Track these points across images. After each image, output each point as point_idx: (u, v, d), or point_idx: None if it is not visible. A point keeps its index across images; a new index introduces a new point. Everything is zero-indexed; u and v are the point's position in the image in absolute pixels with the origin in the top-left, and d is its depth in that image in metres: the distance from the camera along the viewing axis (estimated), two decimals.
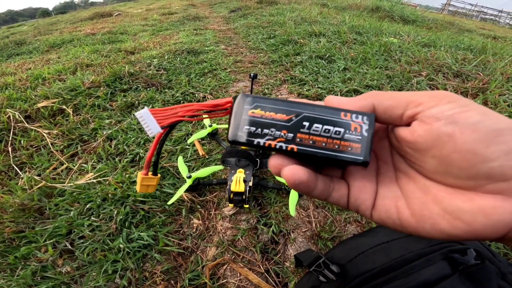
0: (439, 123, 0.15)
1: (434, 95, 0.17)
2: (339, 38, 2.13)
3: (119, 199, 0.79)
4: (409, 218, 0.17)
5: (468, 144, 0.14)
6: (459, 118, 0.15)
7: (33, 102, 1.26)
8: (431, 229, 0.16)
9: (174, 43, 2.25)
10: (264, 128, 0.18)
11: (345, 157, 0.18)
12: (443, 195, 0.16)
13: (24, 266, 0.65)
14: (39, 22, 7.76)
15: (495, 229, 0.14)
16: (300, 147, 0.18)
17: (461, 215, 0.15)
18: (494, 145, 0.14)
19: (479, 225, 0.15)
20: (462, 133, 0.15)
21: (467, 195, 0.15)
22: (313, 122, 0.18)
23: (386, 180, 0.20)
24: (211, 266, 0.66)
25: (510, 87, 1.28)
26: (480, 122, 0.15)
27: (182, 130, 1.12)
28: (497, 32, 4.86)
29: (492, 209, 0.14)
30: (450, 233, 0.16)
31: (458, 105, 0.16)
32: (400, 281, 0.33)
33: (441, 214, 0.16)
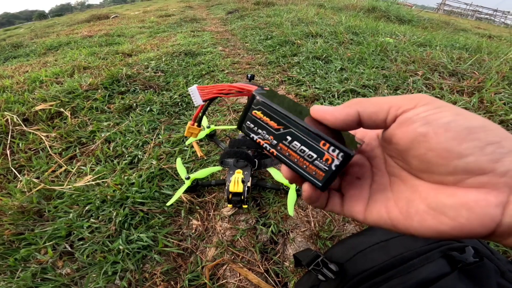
0: (414, 125, 0.16)
1: (412, 98, 0.18)
2: (336, 39, 2.14)
3: (118, 200, 0.79)
4: (398, 216, 0.18)
5: (441, 143, 0.15)
6: (433, 119, 0.16)
7: (30, 105, 1.26)
8: (419, 226, 0.17)
9: (172, 45, 2.26)
10: (259, 128, 0.22)
11: (308, 177, 0.20)
12: (428, 192, 0.17)
13: (24, 268, 0.65)
14: (35, 24, 7.75)
15: (481, 223, 0.15)
16: (278, 154, 0.21)
17: (445, 210, 0.16)
18: (467, 142, 0.15)
19: (464, 219, 0.15)
20: (436, 133, 0.16)
21: (450, 190, 0.16)
22: (295, 140, 0.20)
23: (380, 187, 0.21)
24: (211, 267, 0.66)
25: (505, 86, 1.29)
26: (453, 121, 0.16)
27: (180, 131, 1.12)
28: (492, 31, 4.89)
29: (474, 202, 0.15)
30: (438, 229, 0.16)
31: (433, 107, 0.17)
32: (399, 279, 0.33)
33: (427, 210, 0.17)
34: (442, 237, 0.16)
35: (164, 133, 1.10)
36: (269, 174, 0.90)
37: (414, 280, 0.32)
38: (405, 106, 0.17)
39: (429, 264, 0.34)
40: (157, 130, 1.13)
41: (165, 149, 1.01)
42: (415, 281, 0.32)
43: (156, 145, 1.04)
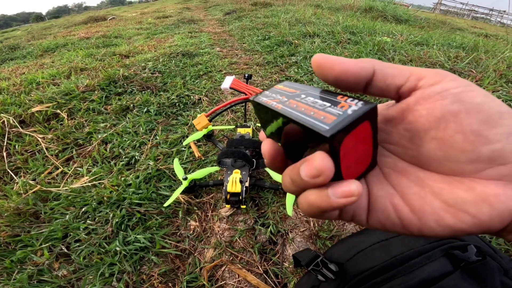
0: (444, 101, 0.14)
1: (436, 72, 0.16)
2: (333, 38, 2.14)
3: (115, 202, 0.79)
4: (409, 215, 0.16)
5: (472, 125, 0.14)
6: (465, 97, 0.14)
7: (27, 106, 1.25)
8: (436, 226, 0.15)
9: (169, 46, 2.25)
10: (273, 93, 0.20)
11: (308, 121, 0.15)
12: (441, 186, 0.15)
13: (21, 270, 0.64)
14: (32, 26, 7.72)
15: (501, 219, 0.14)
16: (284, 107, 0.17)
17: (465, 207, 0.14)
18: (497, 127, 0.14)
19: (485, 216, 0.14)
20: (468, 113, 0.14)
21: (467, 184, 0.15)
22: (309, 96, 0.17)
23: (373, 179, 0.18)
24: (209, 268, 0.65)
25: (503, 84, 1.29)
26: (485, 103, 0.14)
27: (177, 132, 1.12)
28: (489, 30, 4.92)
29: (494, 197, 0.14)
30: (457, 228, 0.14)
31: (463, 83, 0.15)
32: (400, 279, 0.33)
33: (444, 207, 0.15)
34: (456, 235, 0.15)
35: (162, 134, 1.10)
36: (267, 174, 0.89)
37: (416, 280, 0.32)
38: (429, 78, 0.15)
39: (431, 263, 0.33)
40: (154, 131, 1.12)
41: (163, 150, 1.00)
42: (417, 280, 0.32)
43: (153, 146, 1.04)
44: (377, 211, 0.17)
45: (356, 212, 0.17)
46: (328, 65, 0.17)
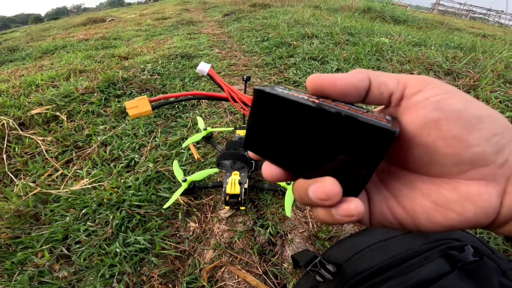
0: (426, 109, 0.15)
1: (420, 80, 0.17)
2: (332, 39, 2.15)
3: (114, 204, 0.79)
4: (404, 216, 0.17)
5: (452, 131, 0.15)
6: (445, 105, 0.15)
7: (26, 109, 1.25)
8: (427, 223, 0.16)
9: (168, 48, 2.26)
10: (293, 91, 0.18)
11: (371, 120, 0.14)
12: (429, 187, 0.17)
13: (21, 271, 0.65)
14: (31, 28, 7.72)
15: (486, 215, 0.15)
16: (321, 103, 0.16)
17: (451, 206, 0.16)
18: (476, 131, 0.15)
19: (470, 214, 0.15)
20: (448, 120, 0.15)
21: (452, 184, 0.16)
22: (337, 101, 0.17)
23: (371, 184, 0.20)
24: (209, 269, 0.66)
25: (501, 84, 1.30)
26: (464, 109, 0.15)
27: (177, 134, 1.12)
28: (486, 31, 4.94)
29: (477, 195, 0.15)
30: (446, 224, 0.16)
31: (443, 91, 0.16)
32: (398, 279, 0.33)
33: (433, 207, 0.16)
34: (448, 230, 0.16)
35: (161, 136, 1.10)
36: None
37: (413, 280, 0.32)
38: (412, 86, 0.17)
39: (428, 263, 0.33)
40: (153, 133, 1.13)
41: (162, 152, 1.01)
42: (415, 281, 0.32)
43: (153, 148, 1.04)
44: (376, 214, 0.18)
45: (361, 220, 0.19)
46: (329, 84, 0.17)
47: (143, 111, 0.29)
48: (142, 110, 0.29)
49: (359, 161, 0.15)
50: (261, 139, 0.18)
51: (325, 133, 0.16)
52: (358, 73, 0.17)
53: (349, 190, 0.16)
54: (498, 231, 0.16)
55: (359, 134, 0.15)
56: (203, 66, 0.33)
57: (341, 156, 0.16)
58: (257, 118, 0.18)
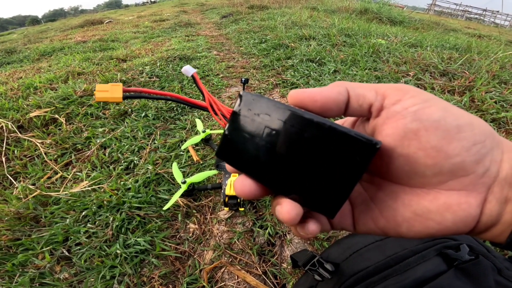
0: (404, 120, 0.15)
1: (397, 89, 0.17)
2: (329, 41, 2.16)
3: (114, 206, 0.80)
4: (386, 225, 0.18)
5: (432, 142, 0.15)
6: (423, 115, 0.15)
7: (25, 111, 1.25)
8: (408, 231, 0.17)
9: (166, 50, 2.26)
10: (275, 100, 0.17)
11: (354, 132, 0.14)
12: (410, 198, 0.17)
13: (22, 273, 0.65)
14: (28, 30, 7.70)
15: (465, 223, 0.15)
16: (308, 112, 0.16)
17: (431, 216, 0.16)
18: (455, 141, 0.15)
19: (449, 223, 0.16)
20: (427, 131, 0.15)
21: (432, 195, 0.16)
22: None
23: (356, 194, 0.20)
24: (209, 270, 0.66)
25: (496, 84, 1.32)
26: (442, 119, 0.15)
27: (176, 136, 1.13)
28: (482, 31, 4.98)
29: (457, 205, 0.15)
30: (426, 233, 0.16)
31: (421, 100, 0.16)
32: (395, 278, 0.33)
33: (413, 217, 0.17)
34: (429, 237, 0.17)
35: (160, 138, 1.11)
36: None
37: (410, 279, 0.32)
38: (391, 96, 0.16)
39: (425, 262, 0.34)
40: (152, 136, 1.13)
41: (161, 154, 1.01)
42: (412, 279, 0.32)
43: (152, 150, 1.05)
44: (360, 224, 0.19)
45: (344, 226, 0.20)
46: (309, 99, 0.17)
47: (112, 96, 0.27)
48: (111, 95, 0.27)
49: (339, 176, 0.15)
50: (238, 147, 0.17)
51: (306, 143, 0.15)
52: (336, 86, 0.18)
53: (328, 206, 0.16)
54: (479, 236, 0.17)
55: (341, 146, 0.15)
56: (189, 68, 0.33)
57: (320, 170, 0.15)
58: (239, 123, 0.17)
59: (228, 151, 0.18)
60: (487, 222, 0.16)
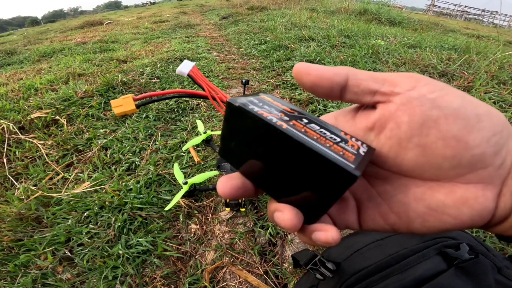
0: (424, 107, 0.14)
1: (409, 77, 0.16)
2: (329, 42, 2.17)
3: (116, 206, 0.80)
4: (397, 221, 0.17)
5: (452, 131, 0.14)
6: (442, 102, 0.14)
7: (26, 113, 1.26)
8: (421, 227, 0.16)
9: (166, 51, 2.27)
10: (266, 105, 0.17)
11: (334, 157, 0.14)
12: (423, 191, 0.16)
13: (24, 274, 0.65)
14: (28, 31, 7.70)
15: (481, 217, 0.15)
16: (290, 128, 0.15)
17: (447, 210, 0.15)
18: (475, 131, 0.14)
19: (466, 217, 0.15)
20: (447, 119, 0.14)
21: (448, 188, 0.15)
22: (312, 123, 0.16)
23: (360, 189, 0.19)
24: (211, 270, 0.67)
25: (495, 85, 1.32)
26: (462, 107, 0.14)
27: (177, 137, 1.13)
28: (481, 31, 5.00)
29: (474, 199, 0.15)
30: (440, 228, 0.16)
31: (437, 87, 0.15)
32: (396, 277, 0.33)
33: (427, 212, 0.16)
34: (443, 232, 0.16)
35: (161, 140, 1.11)
36: None
37: (411, 278, 0.32)
38: (402, 84, 0.15)
39: (425, 261, 0.34)
40: (153, 137, 1.14)
41: (162, 155, 1.02)
42: (412, 278, 0.32)
43: (153, 151, 1.05)
44: (368, 221, 0.18)
45: (349, 225, 0.19)
46: (305, 71, 0.17)
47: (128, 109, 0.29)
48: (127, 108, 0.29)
49: (317, 192, 0.15)
50: (233, 150, 0.18)
51: (288, 158, 0.15)
52: (337, 68, 0.17)
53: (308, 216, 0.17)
54: (490, 230, 0.16)
55: (319, 168, 0.14)
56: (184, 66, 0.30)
57: (301, 184, 0.16)
58: (229, 129, 0.17)
59: (226, 152, 0.19)
60: (501, 216, 0.15)
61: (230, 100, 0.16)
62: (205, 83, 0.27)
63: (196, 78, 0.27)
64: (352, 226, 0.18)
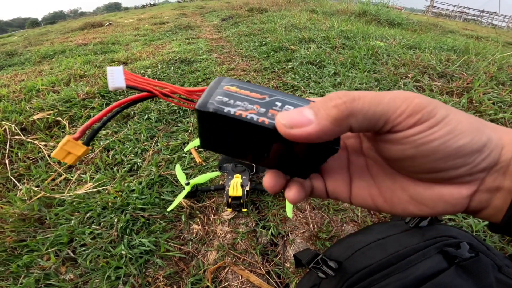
0: (404, 146, 0.16)
1: (413, 111, 0.16)
2: (329, 44, 2.18)
3: (119, 207, 0.80)
4: (382, 203, 0.20)
5: (427, 164, 0.16)
6: (424, 143, 0.16)
7: (28, 114, 1.26)
8: (402, 212, 0.19)
9: (167, 53, 2.28)
10: (237, 100, 0.17)
11: None
12: (408, 183, 0.19)
13: (27, 274, 0.66)
14: (29, 32, 7.71)
15: (454, 210, 0.18)
16: (271, 121, 0.16)
17: (425, 201, 0.18)
18: (452, 160, 0.16)
19: (441, 209, 0.18)
20: (423, 156, 0.16)
21: (427, 184, 0.18)
22: (285, 104, 0.17)
23: (358, 169, 0.22)
24: (213, 270, 0.67)
25: (494, 86, 1.33)
26: (443, 143, 0.15)
27: (178, 139, 1.14)
28: (480, 32, 5.02)
29: (449, 195, 0.17)
30: (418, 214, 0.19)
31: (429, 125, 0.15)
32: (397, 276, 0.34)
33: (409, 200, 0.19)
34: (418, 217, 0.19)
35: (163, 141, 1.12)
36: None
37: (412, 276, 0.33)
38: (402, 122, 0.16)
39: (426, 260, 0.34)
40: (155, 138, 1.15)
41: (164, 156, 1.02)
42: (413, 277, 0.33)
43: (155, 152, 1.06)
44: (357, 197, 0.21)
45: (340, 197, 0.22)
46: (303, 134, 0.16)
47: (80, 153, 0.20)
48: (78, 152, 0.20)
49: (307, 161, 0.19)
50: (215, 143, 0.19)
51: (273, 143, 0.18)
52: (338, 119, 0.15)
53: (299, 174, 0.21)
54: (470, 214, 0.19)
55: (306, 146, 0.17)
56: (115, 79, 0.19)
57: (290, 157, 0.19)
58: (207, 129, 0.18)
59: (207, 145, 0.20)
60: (475, 208, 0.18)
61: (199, 107, 0.17)
62: (149, 84, 0.20)
63: (137, 84, 0.20)
64: (343, 198, 0.22)
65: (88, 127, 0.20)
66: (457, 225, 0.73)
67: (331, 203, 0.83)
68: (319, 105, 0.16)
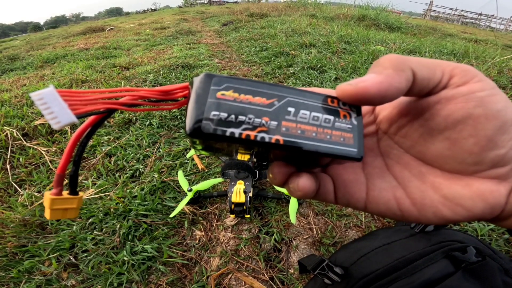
0: (468, 104, 0.15)
1: (464, 69, 0.15)
2: (329, 48, 2.19)
3: (121, 213, 0.80)
4: (410, 208, 0.17)
5: (487, 131, 0.14)
6: (488, 102, 0.15)
7: (30, 119, 1.27)
8: (433, 217, 0.16)
9: (169, 58, 2.29)
10: (240, 115, 0.14)
11: (338, 150, 0.15)
12: (441, 181, 0.16)
13: (28, 280, 0.65)
14: (30, 36, 7.75)
15: (492, 211, 0.15)
16: (287, 138, 0.14)
17: (462, 201, 0.16)
18: (506, 134, 0.15)
19: (479, 210, 0.15)
20: (487, 118, 0.14)
21: (465, 181, 0.16)
22: (300, 108, 0.15)
23: (376, 169, 0.19)
24: (216, 276, 0.67)
25: None
26: (503, 109, 0.15)
27: (180, 145, 1.14)
28: (478, 35, 5.05)
29: (489, 193, 0.15)
30: (452, 220, 0.16)
31: (489, 86, 0.15)
32: (404, 281, 0.34)
33: (442, 201, 0.16)
34: (449, 224, 0.17)
35: (165, 147, 1.12)
36: (270, 184, 0.92)
37: (419, 281, 0.33)
38: (458, 77, 0.15)
39: (432, 265, 0.34)
40: (157, 144, 1.15)
41: (166, 162, 1.02)
42: (420, 281, 0.33)
43: (157, 158, 1.06)
44: (378, 202, 0.18)
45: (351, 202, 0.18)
46: (366, 89, 0.15)
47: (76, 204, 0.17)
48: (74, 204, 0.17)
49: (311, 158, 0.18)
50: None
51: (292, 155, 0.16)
52: (400, 70, 0.15)
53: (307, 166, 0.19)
54: (498, 224, 0.17)
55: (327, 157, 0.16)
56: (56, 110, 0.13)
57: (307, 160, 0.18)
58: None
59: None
60: (510, 211, 0.16)
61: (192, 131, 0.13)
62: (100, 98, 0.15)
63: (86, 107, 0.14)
64: (355, 202, 0.18)
65: (61, 175, 0.17)
66: (462, 230, 0.73)
67: (334, 208, 0.83)
68: (373, 68, 0.16)
